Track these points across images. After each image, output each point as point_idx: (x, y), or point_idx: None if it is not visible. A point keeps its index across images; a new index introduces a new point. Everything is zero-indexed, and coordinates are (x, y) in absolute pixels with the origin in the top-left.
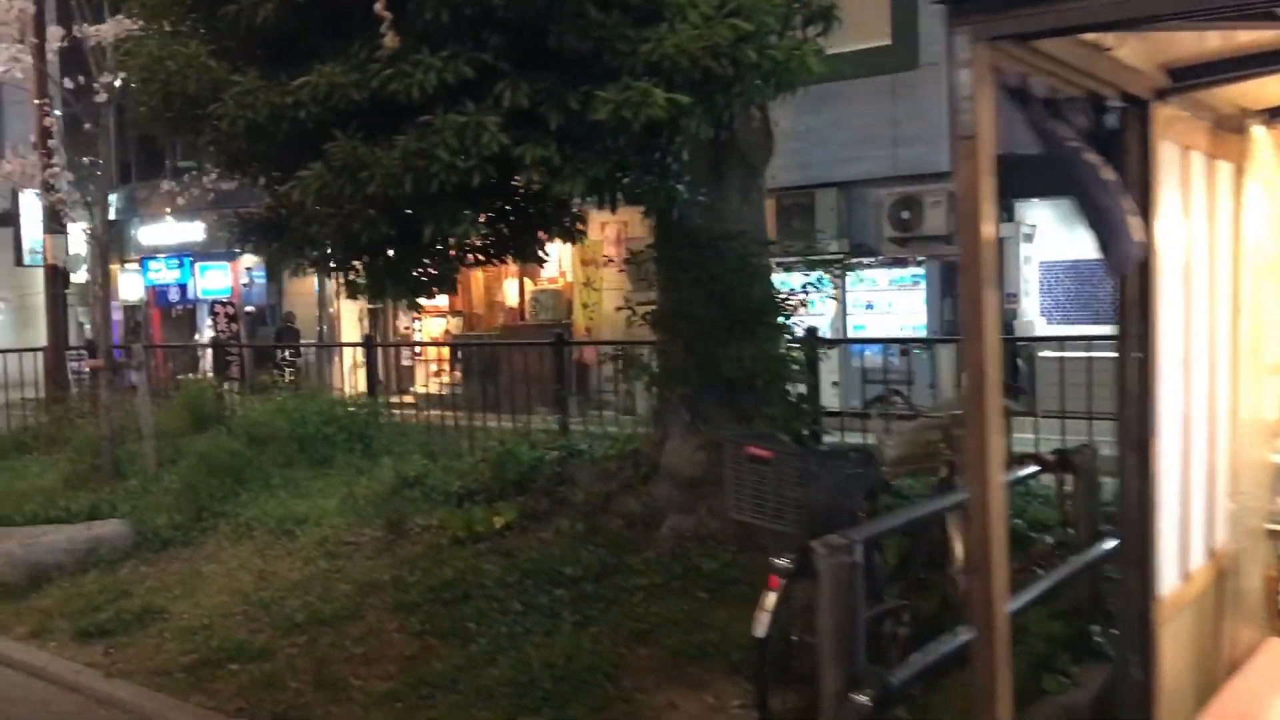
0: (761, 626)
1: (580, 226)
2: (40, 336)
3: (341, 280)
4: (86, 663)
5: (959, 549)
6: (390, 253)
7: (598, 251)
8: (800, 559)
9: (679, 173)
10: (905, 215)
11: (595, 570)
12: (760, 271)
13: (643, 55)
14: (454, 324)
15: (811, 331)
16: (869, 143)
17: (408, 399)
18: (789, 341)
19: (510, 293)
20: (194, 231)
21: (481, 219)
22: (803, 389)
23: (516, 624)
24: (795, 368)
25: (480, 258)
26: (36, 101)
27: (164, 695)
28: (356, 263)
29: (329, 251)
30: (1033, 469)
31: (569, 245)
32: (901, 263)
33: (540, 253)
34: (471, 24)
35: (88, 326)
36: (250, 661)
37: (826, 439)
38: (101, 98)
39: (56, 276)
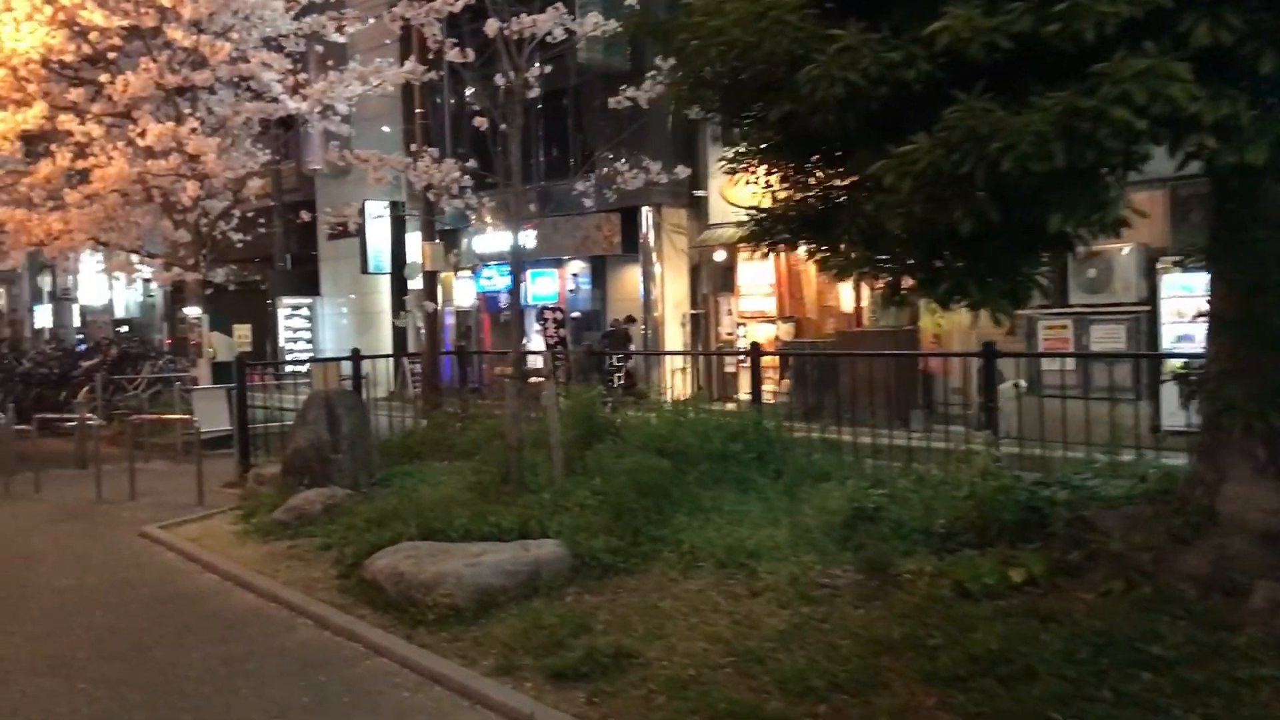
0: None
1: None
2: (378, 341)
3: (879, 284)
4: (574, 714)
5: None
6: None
7: None
8: None
9: None
10: None
11: (1189, 651)
12: None
13: None
14: (785, 329)
15: None
16: None
17: (730, 406)
18: None
19: (845, 296)
20: (525, 239)
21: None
22: None
23: (1113, 717)
24: None
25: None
26: (419, 110)
27: None
28: (936, 262)
29: (898, 248)
30: None
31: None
32: None
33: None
34: None
35: (424, 330)
36: None
37: None
38: (535, 92)
39: (433, 283)
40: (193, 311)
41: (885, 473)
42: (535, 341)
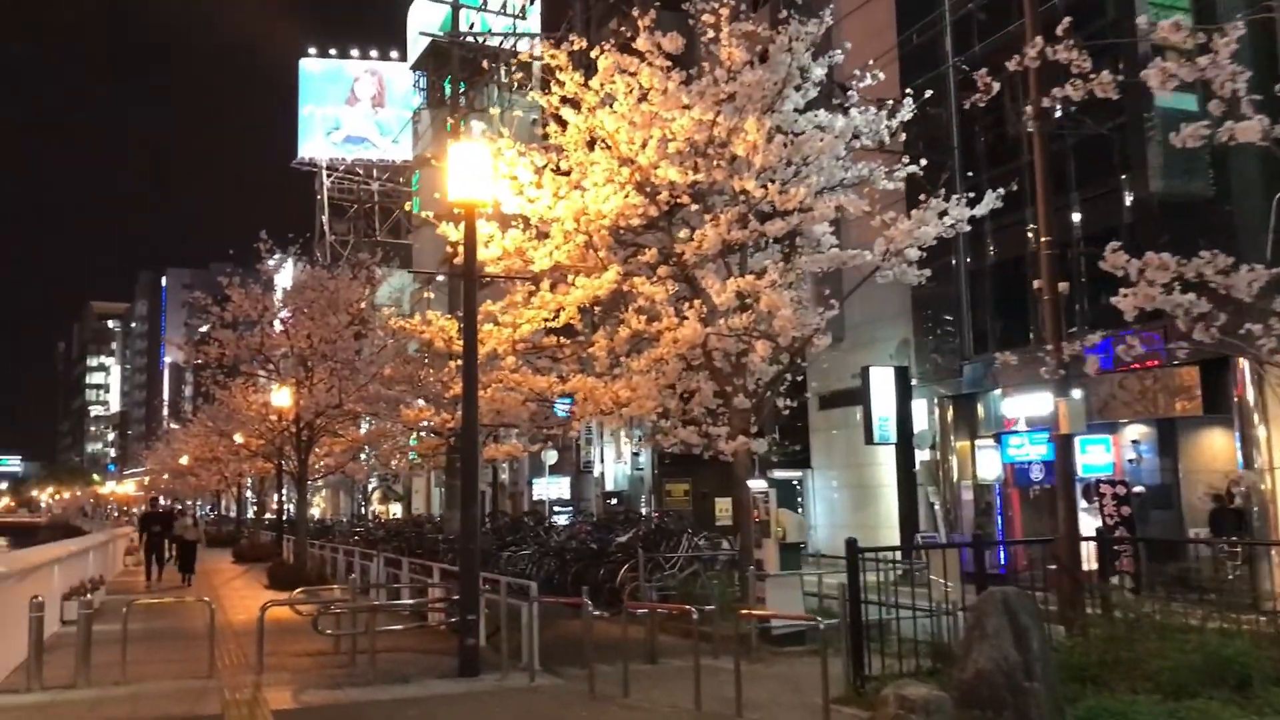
0: None
1: None
2: (879, 518)
3: None
4: None
5: None
6: None
7: None
8: None
9: None
10: None
11: None
12: None
13: None
14: None
15: None
16: None
17: None
18: None
19: None
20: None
21: None
22: None
23: None
24: None
25: None
26: (1044, 238)
27: None
28: None
29: None
30: None
31: None
32: None
33: None
34: None
35: (938, 506)
36: None
37: None
38: None
39: (1067, 449)
40: (756, 485)
41: None
42: (1085, 522)
